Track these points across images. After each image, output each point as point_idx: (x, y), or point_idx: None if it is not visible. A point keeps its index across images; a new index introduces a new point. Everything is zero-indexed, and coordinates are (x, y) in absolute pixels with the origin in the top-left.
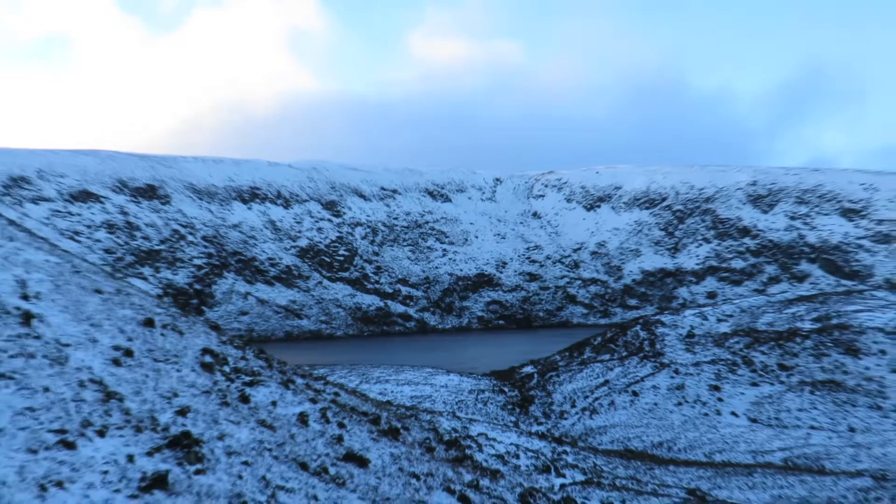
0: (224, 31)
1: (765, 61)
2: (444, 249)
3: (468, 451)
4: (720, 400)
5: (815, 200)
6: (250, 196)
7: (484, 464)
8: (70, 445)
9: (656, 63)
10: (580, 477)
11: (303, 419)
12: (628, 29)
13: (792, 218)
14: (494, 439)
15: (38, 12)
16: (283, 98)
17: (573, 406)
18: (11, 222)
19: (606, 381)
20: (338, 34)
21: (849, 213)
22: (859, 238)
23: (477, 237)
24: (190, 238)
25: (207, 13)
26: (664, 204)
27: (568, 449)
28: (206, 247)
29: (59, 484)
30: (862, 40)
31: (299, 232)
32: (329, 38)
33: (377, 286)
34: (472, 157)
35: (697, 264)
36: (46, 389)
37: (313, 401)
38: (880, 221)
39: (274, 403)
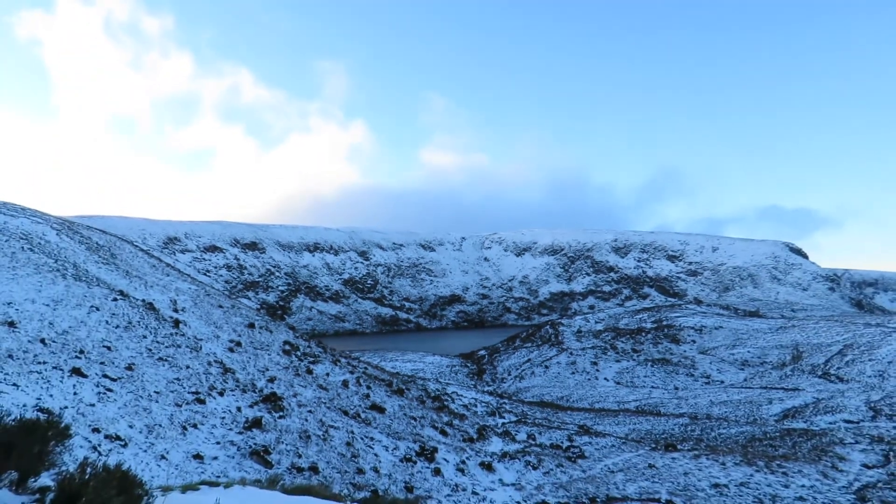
0: (308, 147)
1: (637, 165)
2: (431, 280)
3: (446, 403)
4: (597, 371)
5: (651, 250)
6: (314, 248)
7: (455, 410)
8: (201, 401)
9: (570, 165)
10: (514, 418)
11: (345, 383)
12: (555, 142)
13: (638, 261)
14: (462, 395)
15: (193, 135)
16: (339, 187)
17: (509, 374)
18: (168, 265)
19: (529, 360)
20: (377, 148)
21: (671, 258)
22: (678, 273)
23: (451, 273)
24: (277, 274)
25: (299, 136)
26: (562, 252)
27: (506, 401)
28: (286, 279)
29: (194, 425)
30: (694, 153)
31: (343, 270)
32: (372, 151)
33: (391, 302)
34: (449, 224)
35: (583, 289)
36: (188, 367)
37: (351, 372)
38: (690, 263)
39: (327, 374)
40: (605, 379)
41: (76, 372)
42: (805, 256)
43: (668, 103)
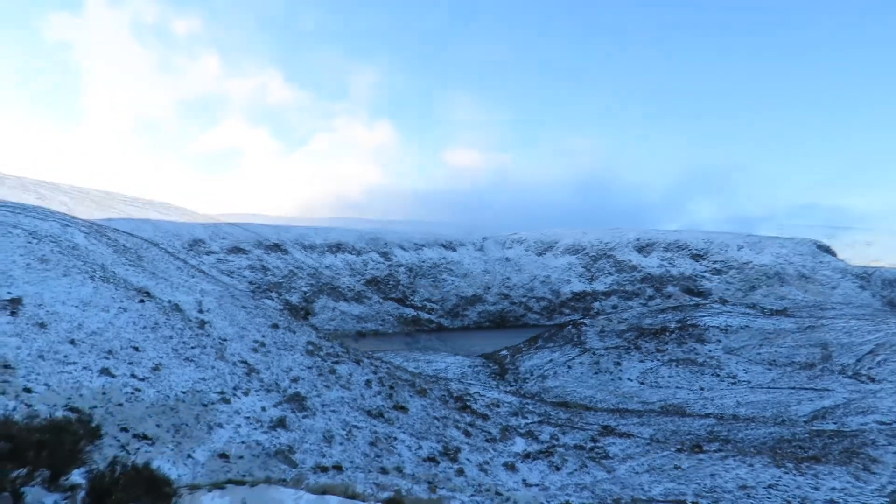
0: (333, 146)
1: (668, 163)
2: (453, 280)
3: (468, 403)
4: (621, 371)
5: (675, 249)
6: (336, 248)
7: (478, 410)
8: (227, 401)
9: (597, 163)
10: (537, 418)
11: (368, 384)
12: (582, 141)
13: (662, 260)
14: (484, 395)
15: (219, 136)
16: (363, 187)
17: (532, 375)
18: (193, 267)
19: (552, 360)
20: (403, 148)
21: (695, 257)
22: (702, 272)
23: (472, 273)
24: (300, 275)
25: (324, 135)
26: (584, 252)
27: (529, 401)
28: (309, 280)
29: (220, 425)
30: (729, 151)
31: (365, 270)
32: (397, 151)
33: (413, 303)
34: (472, 223)
35: (605, 288)
36: (213, 367)
37: (374, 372)
38: (714, 262)
39: (350, 374)
40: (629, 379)
41: (105, 372)
42: (833, 254)
43: (703, 101)
